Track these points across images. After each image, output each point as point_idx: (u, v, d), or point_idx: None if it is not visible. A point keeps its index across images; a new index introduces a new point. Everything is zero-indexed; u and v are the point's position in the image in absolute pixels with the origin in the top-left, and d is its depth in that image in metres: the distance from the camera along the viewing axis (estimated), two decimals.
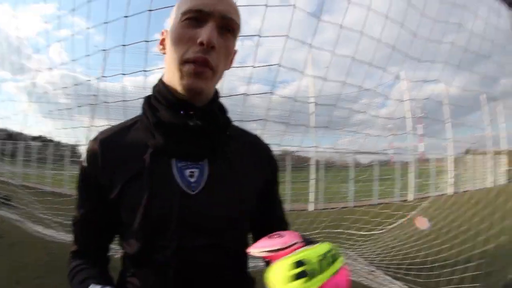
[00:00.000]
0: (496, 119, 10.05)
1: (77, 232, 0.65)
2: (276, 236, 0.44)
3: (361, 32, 2.07)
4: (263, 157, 0.71)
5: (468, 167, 13.20)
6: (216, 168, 0.60)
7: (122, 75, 2.38)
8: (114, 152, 0.59)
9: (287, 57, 2.13)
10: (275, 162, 0.74)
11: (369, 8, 2.00)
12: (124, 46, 2.18)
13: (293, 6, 1.89)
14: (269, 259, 0.41)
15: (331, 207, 7.36)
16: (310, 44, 2.10)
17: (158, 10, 1.87)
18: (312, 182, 8.42)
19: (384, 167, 12.24)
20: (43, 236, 3.77)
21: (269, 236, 0.45)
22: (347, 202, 9.47)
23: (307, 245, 0.41)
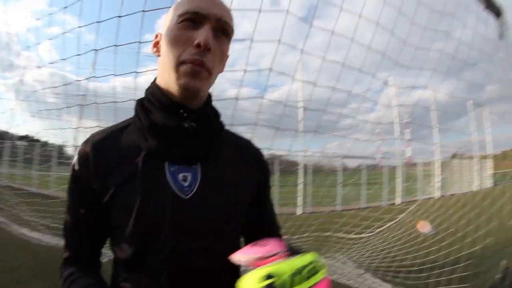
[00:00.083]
0: (482, 125, 10.35)
1: (68, 237, 0.64)
2: (261, 244, 0.44)
3: (352, 39, 2.10)
4: (255, 161, 0.71)
5: (455, 171, 13.50)
6: (209, 172, 0.60)
7: (114, 76, 2.34)
8: (107, 155, 0.58)
9: (277, 61, 2.15)
10: (267, 166, 0.74)
11: (360, 15, 2.04)
12: (117, 47, 2.15)
13: (286, 12, 1.91)
14: (251, 267, 0.41)
15: (320, 211, 7.40)
16: (302, 50, 2.12)
17: (150, 12, 1.86)
18: (301, 186, 8.42)
19: (372, 171, 12.38)
20: (29, 239, 3.66)
21: (254, 244, 0.45)
22: (335, 206, 9.50)
23: (290, 256, 0.40)
